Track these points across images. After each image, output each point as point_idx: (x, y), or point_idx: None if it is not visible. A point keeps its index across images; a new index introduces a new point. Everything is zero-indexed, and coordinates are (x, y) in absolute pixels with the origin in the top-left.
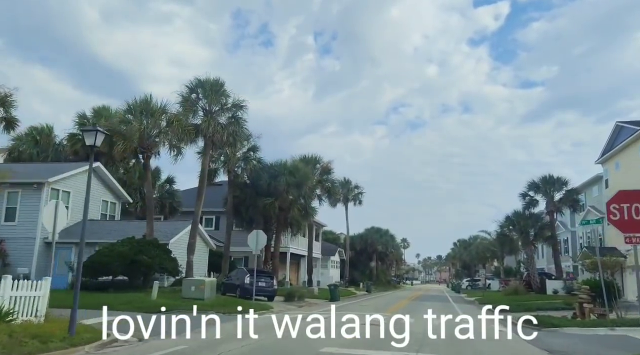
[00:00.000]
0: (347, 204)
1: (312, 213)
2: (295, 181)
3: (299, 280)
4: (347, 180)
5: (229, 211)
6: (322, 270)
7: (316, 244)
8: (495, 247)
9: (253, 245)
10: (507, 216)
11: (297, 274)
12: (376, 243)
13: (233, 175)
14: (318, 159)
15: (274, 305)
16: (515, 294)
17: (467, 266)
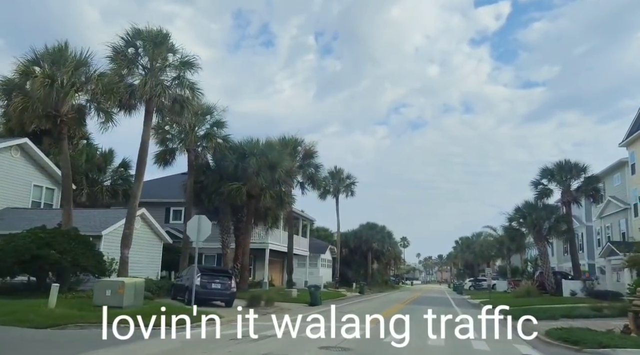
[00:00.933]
0: (337, 196)
1: (288, 201)
2: (267, 162)
3: (284, 280)
4: (339, 169)
5: (188, 199)
6: (310, 269)
7: (302, 240)
8: (502, 244)
9: (194, 235)
10: (517, 207)
11: (282, 274)
12: (371, 240)
13: (194, 155)
14: (299, 141)
15: (227, 313)
16: (527, 296)
17: (469, 265)
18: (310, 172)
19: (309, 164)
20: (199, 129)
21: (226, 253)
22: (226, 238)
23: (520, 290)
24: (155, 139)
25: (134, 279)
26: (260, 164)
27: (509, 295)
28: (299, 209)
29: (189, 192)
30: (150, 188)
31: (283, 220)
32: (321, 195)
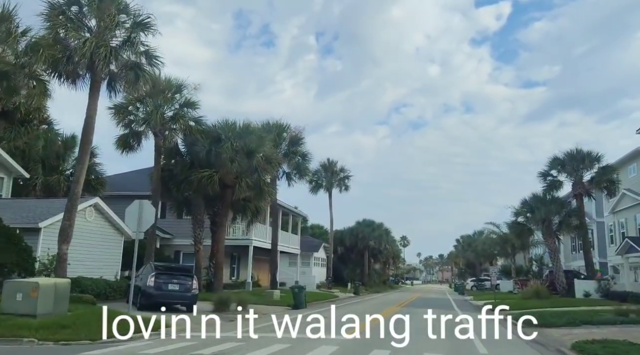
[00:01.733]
0: (330, 190)
1: (269, 191)
2: (244, 147)
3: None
4: (331, 162)
5: (154, 188)
6: (303, 268)
7: (292, 237)
8: (506, 241)
9: (132, 223)
10: (524, 200)
11: (268, 272)
12: (368, 238)
13: (161, 139)
14: (285, 127)
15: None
16: (536, 298)
17: (471, 265)
18: (297, 161)
19: (296, 152)
20: (167, 109)
21: (199, 250)
22: (199, 233)
23: (528, 291)
24: (117, 119)
25: (54, 280)
26: (235, 148)
27: (516, 296)
28: (292, 205)
29: (156, 180)
30: (123, 181)
31: (271, 214)
32: (312, 190)
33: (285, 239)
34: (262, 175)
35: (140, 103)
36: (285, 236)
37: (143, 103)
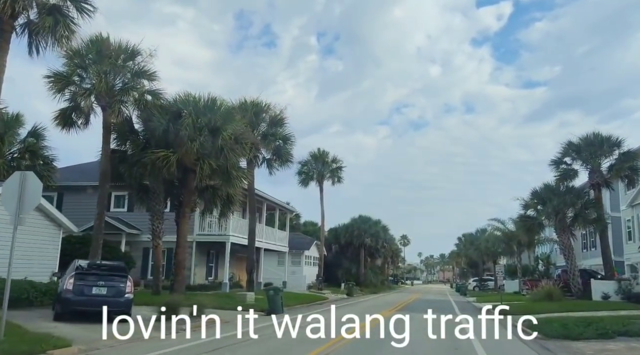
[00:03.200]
0: (321, 183)
1: (240, 176)
2: (208, 124)
3: (256, 280)
4: (322, 152)
5: (103, 172)
6: (293, 268)
7: (279, 233)
8: (511, 238)
9: (11, 203)
10: (534, 191)
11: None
12: (363, 235)
13: (111, 114)
14: (264, 105)
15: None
16: (548, 300)
17: (473, 264)
18: (277, 145)
19: (275, 134)
20: (117, 79)
21: (157, 245)
22: (158, 226)
23: (539, 292)
24: (54, 90)
25: None
26: (198, 125)
27: (525, 298)
28: (281, 200)
29: (104, 163)
30: (86, 171)
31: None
32: (302, 182)
33: (271, 236)
34: (230, 157)
35: (84, 71)
36: (271, 232)
37: (87, 71)
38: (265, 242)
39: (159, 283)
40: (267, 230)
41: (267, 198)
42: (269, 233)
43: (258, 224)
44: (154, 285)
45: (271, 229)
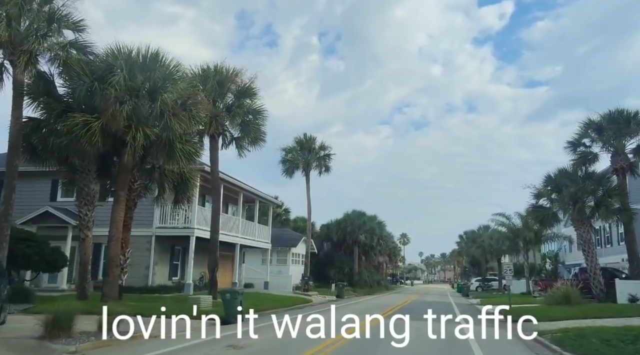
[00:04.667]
0: (308, 172)
1: (187, 150)
2: (145, 83)
3: (236, 279)
4: (309, 137)
5: (12, 145)
6: (278, 266)
7: (260, 228)
8: (517, 234)
9: None
10: (547, 177)
11: (232, 271)
12: (357, 231)
13: (22, 71)
14: (232, 73)
15: None
16: (566, 303)
17: (476, 263)
18: (246, 120)
19: (242, 105)
20: (30, 27)
21: (85, 238)
22: (87, 213)
23: (554, 294)
24: None
25: None
26: (130, 84)
27: (537, 300)
28: (271, 195)
29: (13, 133)
30: None
31: (211, 192)
32: (286, 171)
33: (249, 230)
34: (172, 125)
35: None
36: (249, 226)
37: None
38: (242, 237)
39: (85, 285)
40: (246, 224)
41: (245, 187)
42: (247, 227)
43: (232, 217)
44: (79, 288)
45: (250, 222)
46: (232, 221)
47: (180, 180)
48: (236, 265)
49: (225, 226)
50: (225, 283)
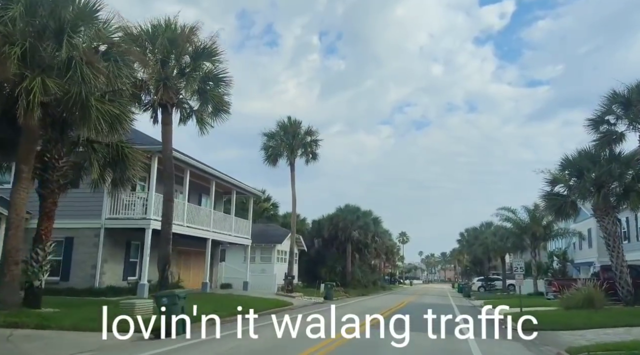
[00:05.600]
0: (292, 159)
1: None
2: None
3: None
4: (294, 121)
5: None
6: (262, 265)
7: (239, 222)
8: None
9: None
10: (565, 159)
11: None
12: (350, 227)
13: None
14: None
15: None
16: (589, 308)
17: (477, 261)
18: (205, 88)
19: (199, 68)
20: None
21: None
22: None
23: (574, 296)
24: None
25: None
26: (28, 20)
27: (552, 303)
28: (257, 189)
29: None
30: None
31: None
32: (268, 159)
33: (225, 224)
34: (85, 76)
35: None
36: (225, 220)
37: None
38: (215, 232)
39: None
40: (219, 217)
41: (217, 175)
42: (222, 220)
43: (202, 208)
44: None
45: (225, 215)
46: (202, 213)
47: (116, 156)
48: (207, 263)
49: (195, 218)
50: (195, 284)
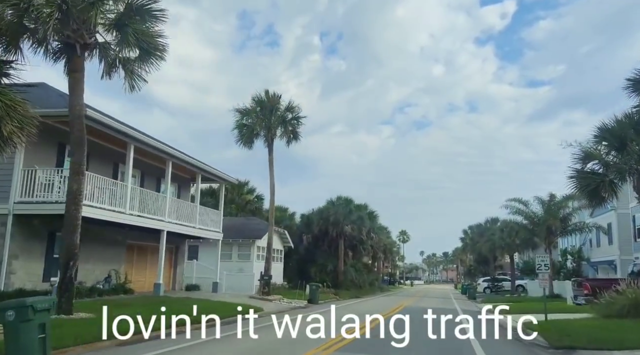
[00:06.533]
0: (271, 139)
1: None
2: None
3: (160, 279)
4: (273, 94)
5: None
6: (239, 263)
7: (204, 211)
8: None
9: None
10: (600, 127)
11: (173, 269)
12: (342, 222)
13: None
14: None
15: None
16: (635, 316)
17: (482, 260)
18: (130, 21)
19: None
20: None
21: None
22: None
23: (616, 302)
24: None
25: None
26: None
27: (583, 309)
28: (227, 173)
29: None
30: None
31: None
32: (241, 139)
33: (187, 214)
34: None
35: None
36: (187, 209)
37: None
38: (171, 222)
39: None
40: (181, 206)
41: (173, 154)
42: (182, 209)
43: (154, 193)
44: None
45: (188, 203)
46: (153, 198)
47: None
48: (161, 260)
49: (147, 206)
50: (147, 286)
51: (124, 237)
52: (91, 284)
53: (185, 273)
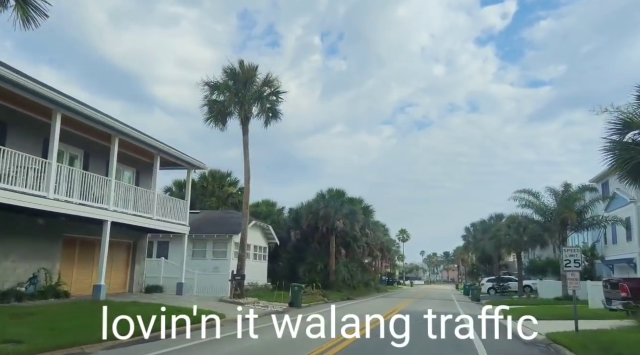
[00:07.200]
0: (243, 116)
1: None
2: None
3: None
4: (249, 66)
5: None
6: (215, 261)
7: (164, 200)
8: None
9: None
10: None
11: (131, 268)
12: (333, 216)
13: None
14: None
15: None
16: None
17: (486, 259)
18: None
19: None
20: None
21: None
22: None
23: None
24: None
25: None
26: None
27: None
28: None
29: None
30: None
31: None
32: (211, 118)
33: (143, 203)
34: None
35: None
36: (142, 197)
37: None
38: (116, 211)
39: None
40: (135, 193)
41: (120, 129)
42: (138, 197)
43: (105, 180)
44: None
45: (140, 189)
46: (99, 184)
47: None
48: (103, 256)
49: (89, 191)
50: (83, 288)
51: (59, 230)
52: (9, 286)
53: (151, 273)
